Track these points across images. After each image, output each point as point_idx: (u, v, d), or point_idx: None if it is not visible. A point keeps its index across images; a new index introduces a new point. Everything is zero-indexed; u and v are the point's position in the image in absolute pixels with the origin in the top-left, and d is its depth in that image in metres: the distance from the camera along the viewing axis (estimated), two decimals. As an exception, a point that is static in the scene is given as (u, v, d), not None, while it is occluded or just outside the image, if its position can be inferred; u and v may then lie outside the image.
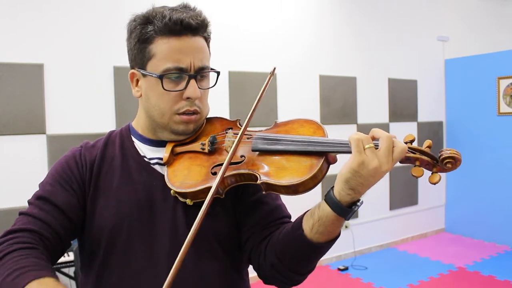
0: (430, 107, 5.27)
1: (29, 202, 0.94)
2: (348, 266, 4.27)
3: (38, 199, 0.93)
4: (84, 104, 3.14)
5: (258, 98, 0.95)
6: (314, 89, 4.31)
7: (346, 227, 4.53)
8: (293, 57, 4.14)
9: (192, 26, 0.91)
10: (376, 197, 4.74)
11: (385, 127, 4.81)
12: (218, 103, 3.68)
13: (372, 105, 4.72)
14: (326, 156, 0.86)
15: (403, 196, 5.03)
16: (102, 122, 3.18)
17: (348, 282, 3.97)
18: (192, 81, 0.93)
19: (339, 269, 4.21)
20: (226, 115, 3.71)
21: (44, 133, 2.99)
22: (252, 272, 1.06)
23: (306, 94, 4.25)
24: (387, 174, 5.24)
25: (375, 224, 4.79)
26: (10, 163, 2.88)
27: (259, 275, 0.98)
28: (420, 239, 5.19)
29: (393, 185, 4.89)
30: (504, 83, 4.79)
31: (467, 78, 5.19)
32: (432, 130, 5.27)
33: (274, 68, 0.99)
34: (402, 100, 5.00)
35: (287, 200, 1.06)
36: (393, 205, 4.95)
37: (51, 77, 3.01)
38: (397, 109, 4.95)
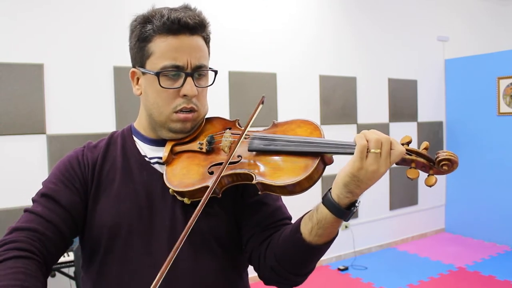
0: (430, 107, 5.27)
1: (33, 200, 0.95)
2: (348, 266, 4.27)
3: (42, 196, 0.94)
4: (84, 104, 3.14)
5: (248, 122, 0.95)
6: (314, 89, 4.31)
7: (346, 227, 4.53)
8: (293, 57, 4.14)
9: (189, 25, 0.93)
10: (376, 197, 4.74)
11: (385, 127, 4.81)
12: (218, 103, 3.68)
13: (372, 105, 4.72)
14: (322, 156, 0.86)
15: (403, 196, 5.03)
16: (102, 122, 3.18)
17: (348, 282, 3.97)
18: (189, 79, 0.94)
19: (339, 269, 4.21)
20: (226, 115, 3.71)
21: (44, 133, 2.99)
22: (252, 272, 1.06)
23: (306, 94, 4.25)
24: (387, 174, 5.20)
25: (375, 224, 4.79)
26: (10, 163, 2.88)
27: (259, 276, 0.99)
28: (420, 239, 5.18)
29: (393, 185, 4.89)
30: (504, 83, 4.79)
31: (467, 78, 5.18)
32: (432, 130, 5.27)
33: (263, 97, 0.99)
34: (402, 100, 5.00)
35: (287, 201, 1.06)
36: (393, 205, 4.95)
37: (51, 77, 3.01)
38: (397, 109, 4.94)
